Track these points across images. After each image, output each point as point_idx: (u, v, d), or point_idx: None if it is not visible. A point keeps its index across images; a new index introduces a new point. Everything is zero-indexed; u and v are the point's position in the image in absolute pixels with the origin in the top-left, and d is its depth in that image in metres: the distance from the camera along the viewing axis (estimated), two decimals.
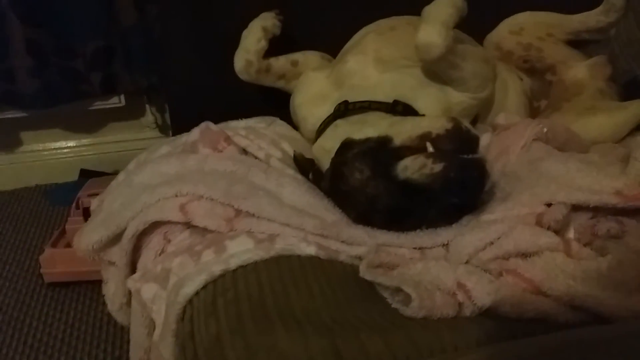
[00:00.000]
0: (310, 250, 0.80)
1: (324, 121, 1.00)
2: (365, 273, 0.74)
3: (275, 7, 1.10)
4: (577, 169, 0.82)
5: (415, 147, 0.79)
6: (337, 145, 0.90)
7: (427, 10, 0.90)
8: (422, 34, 0.87)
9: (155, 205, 0.85)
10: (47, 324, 1.30)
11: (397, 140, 0.82)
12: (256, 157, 0.95)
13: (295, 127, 1.10)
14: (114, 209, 0.93)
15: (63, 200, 1.60)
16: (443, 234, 0.81)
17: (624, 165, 0.86)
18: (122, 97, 1.62)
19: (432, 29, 0.86)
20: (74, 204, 1.42)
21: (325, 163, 0.92)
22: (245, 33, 1.08)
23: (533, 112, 1.15)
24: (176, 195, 0.85)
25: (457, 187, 0.76)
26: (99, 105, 1.63)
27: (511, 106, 1.10)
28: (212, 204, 0.83)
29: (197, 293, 0.76)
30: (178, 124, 1.18)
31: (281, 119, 1.12)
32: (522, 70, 1.18)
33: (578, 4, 1.19)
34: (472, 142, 0.79)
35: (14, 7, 1.41)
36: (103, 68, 1.52)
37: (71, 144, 1.78)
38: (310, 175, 0.93)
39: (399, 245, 0.81)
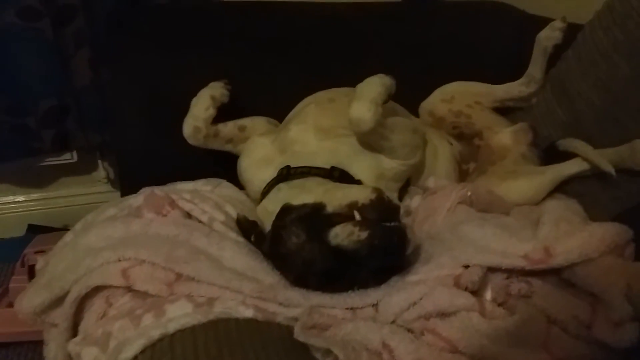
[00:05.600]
0: (248, 312, 0.84)
1: (268, 184, 1.06)
2: (299, 335, 0.79)
3: (224, 77, 1.17)
4: (492, 233, 0.91)
5: (345, 215, 0.87)
6: (278, 208, 0.95)
7: (359, 87, 0.98)
8: (354, 109, 0.96)
9: (98, 269, 0.88)
10: None
11: (330, 208, 0.89)
12: (200, 221, 0.99)
13: (242, 188, 1.16)
14: (58, 272, 0.95)
15: (8, 257, 1.57)
16: (372, 295, 0.86)
17: (536, 227, 0.95)
18: (75, 153, 1.63)
19: (363, 106, 0.95)
20: (19, 262, 1.41)
21: (268, 224, 0.98)
22: (194, 101, 1.13)
23: (462, 175, 1.25)
24: (119, 260, 0.88)
25: (381, 253, 0.83)
26: (50, 161, 1.63)
27: (441, 169, 1.19)
28: (153, 268, 0.87)
29: (135, 357, 0.78)
30: (128, 185, 1.21)
31: (229, 179, 1.17)
32: (452, 136, 1.28)
33: (502, 76, 1.31)
34: (393, 211, 0.87)
35: None
36: (56, 125, 1.54)
37: (20, 198, 1.76)
38: (252, 238, 0.98)
39: (332, 306, 0.86)
